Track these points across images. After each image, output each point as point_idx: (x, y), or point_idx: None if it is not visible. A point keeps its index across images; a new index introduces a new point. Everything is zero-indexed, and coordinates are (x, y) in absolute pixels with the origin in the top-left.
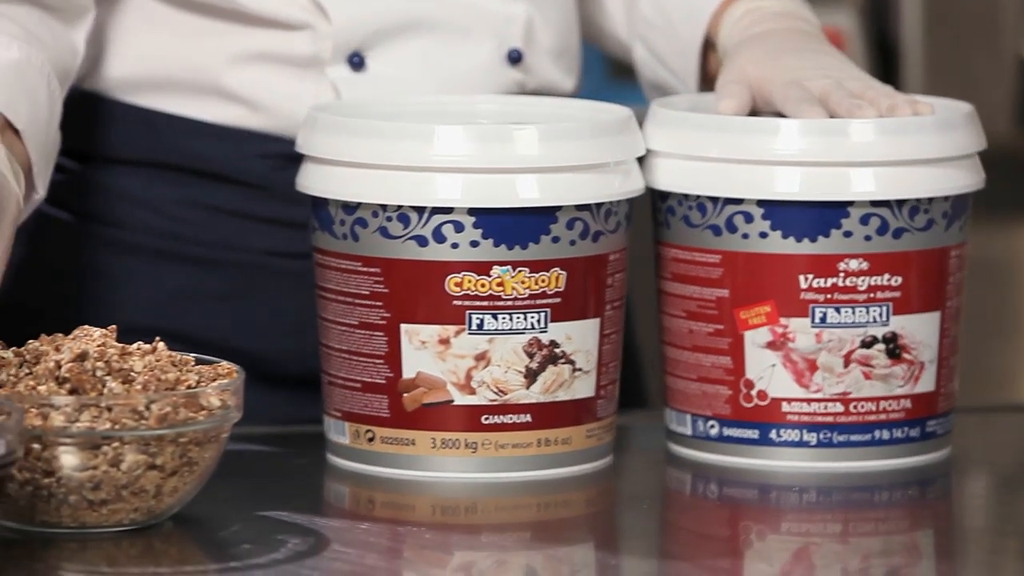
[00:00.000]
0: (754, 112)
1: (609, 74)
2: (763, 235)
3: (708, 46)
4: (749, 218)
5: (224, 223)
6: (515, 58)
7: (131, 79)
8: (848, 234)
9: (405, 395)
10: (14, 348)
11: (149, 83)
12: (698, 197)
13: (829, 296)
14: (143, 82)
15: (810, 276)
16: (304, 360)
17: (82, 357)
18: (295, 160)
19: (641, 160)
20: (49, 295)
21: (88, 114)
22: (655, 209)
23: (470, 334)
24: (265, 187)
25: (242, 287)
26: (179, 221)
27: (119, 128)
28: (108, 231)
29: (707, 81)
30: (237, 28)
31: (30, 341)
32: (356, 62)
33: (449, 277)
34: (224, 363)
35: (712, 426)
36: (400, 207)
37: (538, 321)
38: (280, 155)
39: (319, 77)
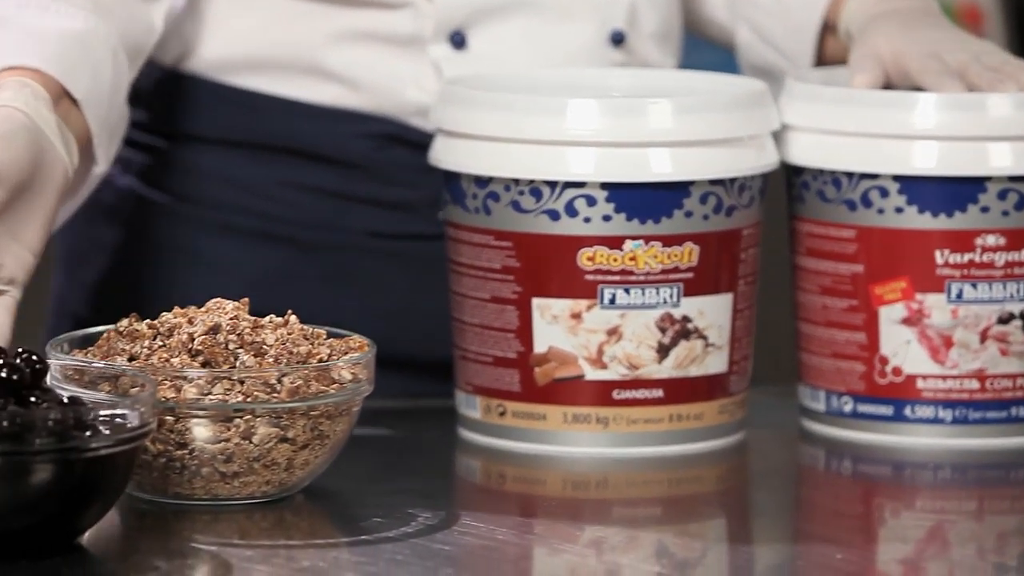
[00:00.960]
0: (887, 87)
1: None
2: (899, 210)
3: (825, 29)
4: (885, 193)
5: (323, 204)
6: (618, 39)
7: (229, 59)
8: (985, 209)
9: (537, 369)
10: (148, 320)
11: (247, 63)
12: (833, 172)
13: (965, 272)
14: (241, 62)
15: (946, 251)
16: (402, 342)
17: (215, 330)
18: (395, 140)
19: (775, 134)
20: (148, 277)
21: (186, 95)
22: (789, 184)
23: (602, 309)
24: (365, 167)
25: (342, 268)
26: (278, 202)
27: (217, 109)
28: (206, 212)
29: (822, 64)
30: (336, 7)
31: (164, 313)
32: (457, 41)
33: (581, 251)
34: (355, 336)
35: (846, 402)
36: (532, 181)
37: (670, 296)
38: (380, 135)
39: (420, 56)
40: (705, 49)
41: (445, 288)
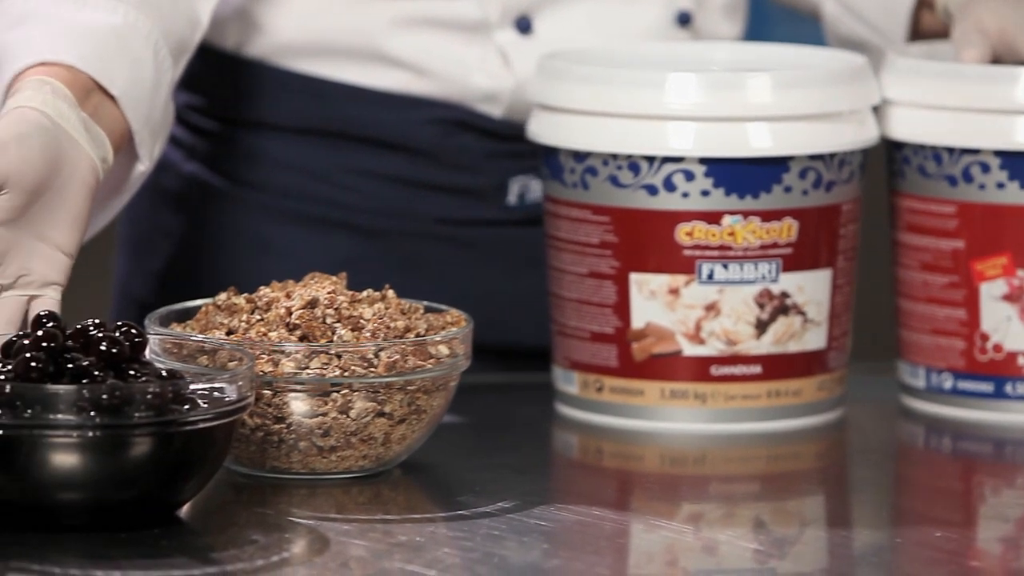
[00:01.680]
0: (993, 63)
1: None
2: (1000, 185)
3: (921, 4)
4: (986, 168)
5: (390, 191)
6: (684, 20)
7: (292, 45)
8: None
9: (634, 345)
10: (246, 295)
11: (311, 49)
12: (934, 147)
13: None
14: (305, 48)
15: None
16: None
17: (312, 304)
18: (462, 126)
19: (875, 109)
20: (213, 264)
21: (250, 81)
22: (889, 159)
23: (700, 284)
24: (432, 154)
25: (408, 255)
26: (344, 189)
27: (282, 95)
28: (272, 199)
29: (915, 39)
30: None
31: (261, 288)
32: (523, 26)
33: (679, 226)
34: (453, 311)
35: (946, 379)
36: (631, 156)
37: (769, 271)
38: (447, 121)
39: (485, 41)
40: (774, 21)
41: (511, 273)
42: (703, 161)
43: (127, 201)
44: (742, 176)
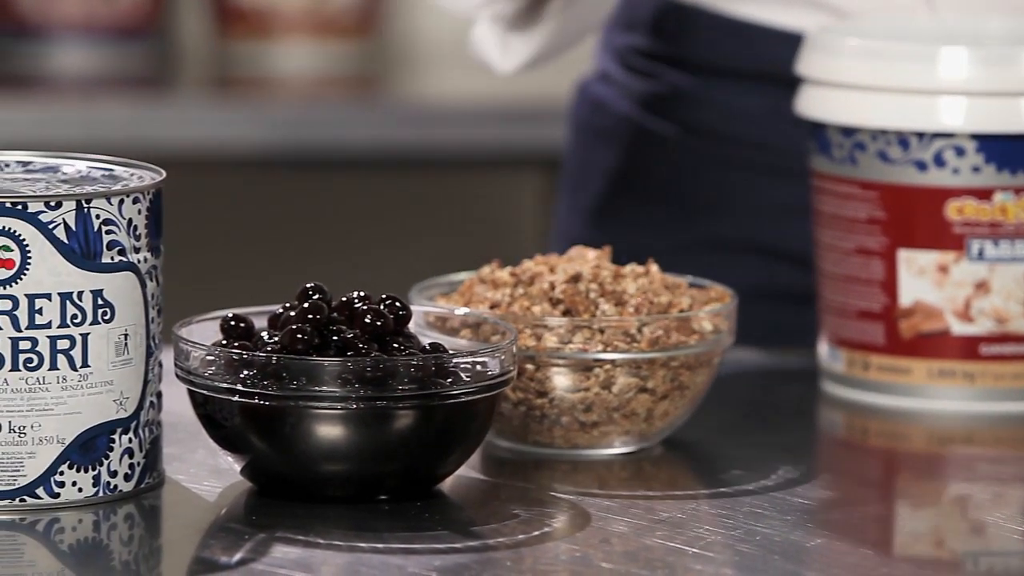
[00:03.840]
0: None
1: None
2: None
3: None
4: None
5: None
6: None
7: None
8: None
9: (902, 323)
10: (510, 268)
11: None
12: None
13: None
14: None
15: None
16: None
17: (576, 279)
18: None
19: None
20: (642, 204)
21: (689, 25)
22: None
23: (970, 262)
24: None
25: None
26: (782, 135)
27: (721, 40)
28: (709, 144)
29: None
30: None
31: (525, 261)
32: None
33: (949, 203)
34: (717, 287)
35: None
36: (900, 131)
37: None
38: None
39: None
40: None
41: None
42: (974, 137)
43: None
44: (1014, 152)
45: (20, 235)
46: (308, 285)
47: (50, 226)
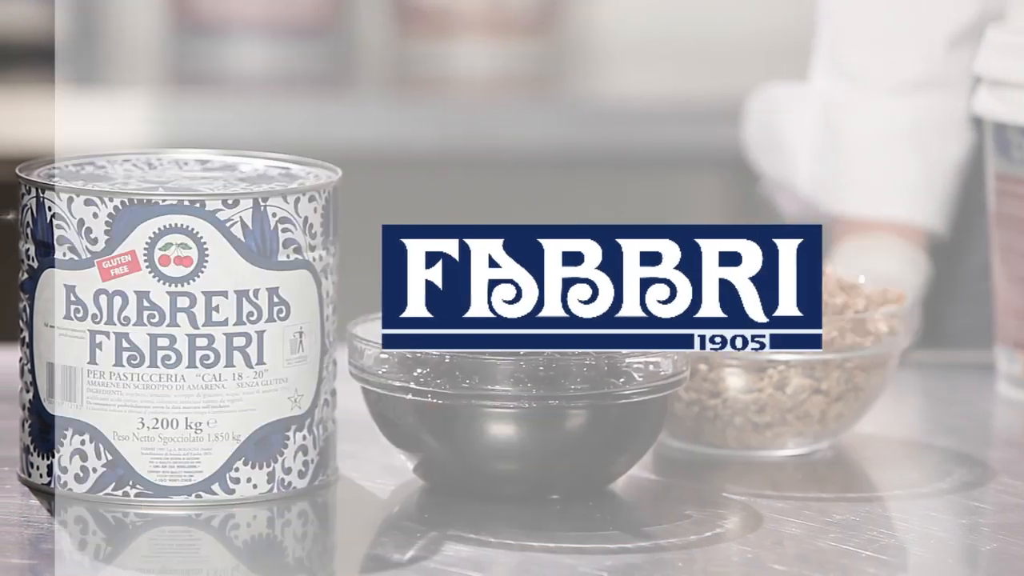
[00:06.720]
0: None
1: None
2: None
3: None
4: None
5: None
6: None
7: None
8: None
9: None
10: None
11: None
12: None
13: None
14: None
15: None
16: None
17: None
18: None
19: None
20: None
21: None
22: None
23: None
24: None
25: None
26: None
27: None
28: None
29: None
30: None
31: None
32: None
33: None
34: (894, 288)
35: None
36: None
37: None
38: None
39: None
40: None
41: None
42: None
43: None
44: None
45: (198, 233)
46: None
47: (227, 224)
